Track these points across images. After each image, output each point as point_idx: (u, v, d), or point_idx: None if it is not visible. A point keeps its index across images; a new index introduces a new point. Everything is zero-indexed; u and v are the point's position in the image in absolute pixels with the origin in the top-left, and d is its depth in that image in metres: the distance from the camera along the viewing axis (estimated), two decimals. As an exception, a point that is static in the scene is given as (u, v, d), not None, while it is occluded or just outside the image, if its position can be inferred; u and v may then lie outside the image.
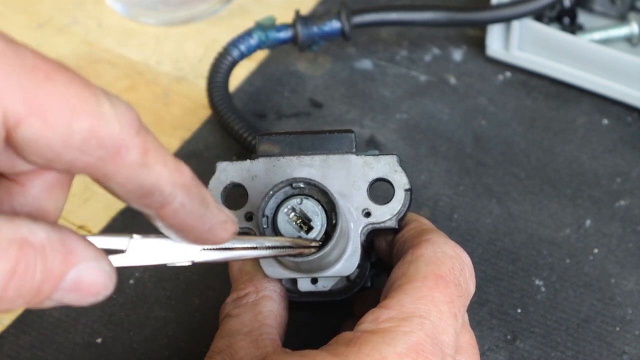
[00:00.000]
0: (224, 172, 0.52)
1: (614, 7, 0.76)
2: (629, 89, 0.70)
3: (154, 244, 0.41)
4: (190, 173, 0.38)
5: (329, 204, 0.47)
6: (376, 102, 0.73)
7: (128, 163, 0.35)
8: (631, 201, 0.66)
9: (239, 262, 0.53)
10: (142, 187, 0.36)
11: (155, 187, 0.36)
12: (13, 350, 0.59)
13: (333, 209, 0.46)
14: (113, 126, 0.34)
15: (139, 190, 0.36)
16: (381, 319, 0.44)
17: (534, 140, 0.70)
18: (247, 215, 0.51)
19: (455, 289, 0.46)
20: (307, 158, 0.51)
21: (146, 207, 0.37)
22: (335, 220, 0.46)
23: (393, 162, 0.51)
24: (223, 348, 0.47)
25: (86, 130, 0.33)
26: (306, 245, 0.46)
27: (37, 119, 0.32)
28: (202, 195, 0.38)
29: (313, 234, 0.47)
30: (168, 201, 0.37)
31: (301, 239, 0.47)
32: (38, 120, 0.32)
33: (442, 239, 0.49)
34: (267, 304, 0.50)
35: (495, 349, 0.58)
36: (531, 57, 0.73)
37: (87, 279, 0.35)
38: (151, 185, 0.36)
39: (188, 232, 0.39)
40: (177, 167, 0.37)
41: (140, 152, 0.35)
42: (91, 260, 0.35)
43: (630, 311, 0.60)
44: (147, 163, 0.35)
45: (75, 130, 0.33)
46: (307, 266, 0.49)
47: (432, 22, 0.72)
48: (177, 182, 0.37)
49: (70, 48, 0.78)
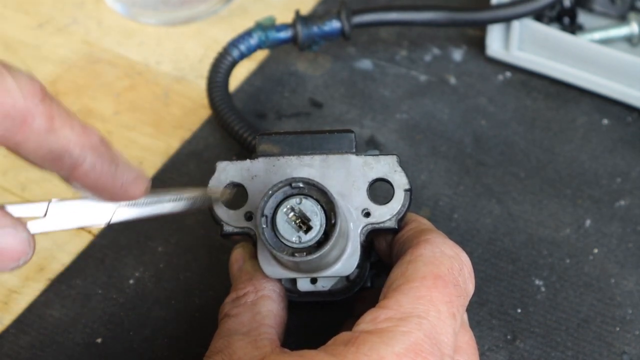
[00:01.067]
0: (224, 172, 0.52)
1: (614, 7, 0.76)
2: (629, 89, 0.70)
3: (72, 206, 0.43)
4: (99, 135, 0.41)
5: (328, 204, 0.47)
6: (376, 102, 0.73)
7: (36, 130, 0.38)
8: (631, 201, 0.66)
9: (239, 261, 0.53)
10: (51, 151, 0.39)
11: (65, 150, 0.39)
12: (13, 350, 0.59)
13: (332, 209, 0.46)
14: (17, 98, 0.37)
15: (49, 155, 0.39)
16: (379, 319, 0.44)
17: (534, 140, 0.70)
18: (246, 215, 0.51)
19: (454, 289, 0.46)
20: (307, 158, 0.51)
21: (59, 170, 0.40)
22: (334, 220, 0.46)
23: (393, 162, 0.51)
24: (221, 348, 0.47)
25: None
26: (217, 192, 0.48)
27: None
28: (111, 155, 0.41)
29: (312, 233, 0.47)
30: (78, 162, 0.40)
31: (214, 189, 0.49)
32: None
33: (440, 239, 0.49)
34: (266, 304, 0.50)
35: (495, 349, 0.58)
36: (531, 57, 0.73)
37: (5, 245, 0.38)
38: (60, 149, 0.39)
39: (102, 190, 0.42)
40: (84, 130, 0.40)
41: (46, 119, 0.38)
42: (8, 227, 0.38)
43: (630, 311, 0.60)
44: (54, 128, 0.38)
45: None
46: (306, 266, 0.49)
47: (432, 22, 0.72)
48: (86, 144, 0.40)
49: (70, 48, 0.78)
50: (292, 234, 0.47)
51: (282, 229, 0.47)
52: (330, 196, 0.46)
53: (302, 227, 0.47)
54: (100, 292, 0.62)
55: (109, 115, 0.73)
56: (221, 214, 0.51)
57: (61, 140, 0.39)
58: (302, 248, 0.47)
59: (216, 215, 0.51)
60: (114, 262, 0.63)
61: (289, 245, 0.47)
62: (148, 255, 0.64)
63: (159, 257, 0.64)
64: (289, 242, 0.47)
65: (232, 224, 0.51)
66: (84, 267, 0.63)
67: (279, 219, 0.47)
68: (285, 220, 0.47)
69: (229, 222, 0.51)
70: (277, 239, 0.47)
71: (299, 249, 0.47)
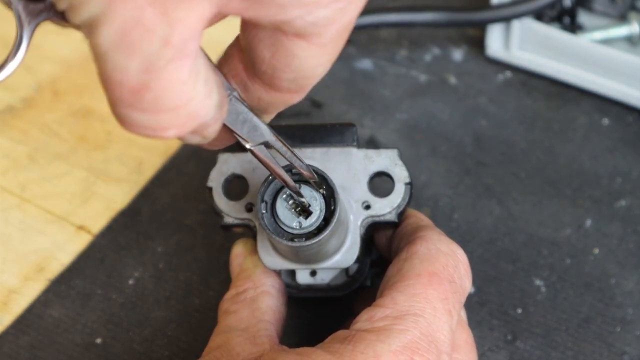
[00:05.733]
0: (226, 164, 0.52)
1: (614, 7, 0.76)
2: (629, 89, 0.70)
3: (241, 109, 0.42)
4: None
5: (327, 190, 0.47)
6: (376, 102, 0.73)
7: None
8: (631, 201, 0.66)
9: (239, 258, 0.53)
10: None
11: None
12: (13, 350, 0.59)
13: (331, 195, 0.46)
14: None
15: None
16: (376, 317, 0.44)
17: (534, 140, 0.70)
18: (247, 206, 0.51)
19: (450, 285, 0.46)
20: (308, 150, 0.51)
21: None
22: (334, 206, 0.46)
23: (394, 156, 0.51)
24: (220, 344, 0.47)
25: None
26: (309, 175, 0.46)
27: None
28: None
29: (312, 219, 0.46)
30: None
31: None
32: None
33: (436, 236, 0.49)
34: (265, 300, 0.50)
35: (495, 349, 0.58)
36: (531, 57, 0.73)
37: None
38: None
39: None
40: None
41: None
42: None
43: (630, 311, 0.60)
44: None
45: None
46: (305, 254, 0.49)
47: (432, 23, 0.72)
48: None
49: (70, 48, 0.78)
50: (293, 220, 0.47)
51: (282, 215, 0.47)
52: (330, 182, 0.46)
53: (301, 214, 0.47)
54: (99, 292, 0.62)
55: (109, 115, 0.73)
56: (222, 205, 0.51)
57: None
58: (302, 234, 0.47)
59: (216, 206, 0.51)
60: (113, 262, 0.63)
61: (289, 231, 0.47)
62: (148, 255, 0.64)
63: (159, 257, 0.64)
64: (289, 228, 0.47)
65: (232, 215, 0.51)
66: (84, 267, 0.63)
67: (279, 205, 0.47)
68: (284, 206, 0.47)
69: (229, 213, 0.51)
70: (277, 224, 0.47)
71: (298, 234, 0.46)
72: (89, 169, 0.69)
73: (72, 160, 0.70)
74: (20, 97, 0.74)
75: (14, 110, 0.74)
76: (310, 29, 0.36)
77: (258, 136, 0.43)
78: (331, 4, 0.35)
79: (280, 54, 0.38)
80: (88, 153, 0.70)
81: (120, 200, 0.67)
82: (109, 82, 0.33)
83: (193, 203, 0.66)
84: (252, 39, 0.38)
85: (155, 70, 0.32)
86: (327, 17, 0.35)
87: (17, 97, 0.74)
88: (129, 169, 0.69)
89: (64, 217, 0.66)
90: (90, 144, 0.71)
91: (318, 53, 0.38)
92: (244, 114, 0.42)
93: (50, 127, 0.72)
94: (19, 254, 0.65)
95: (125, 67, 0.32)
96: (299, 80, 0.39)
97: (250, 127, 0.42)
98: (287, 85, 0.40)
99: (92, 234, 0.65)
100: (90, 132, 0.72)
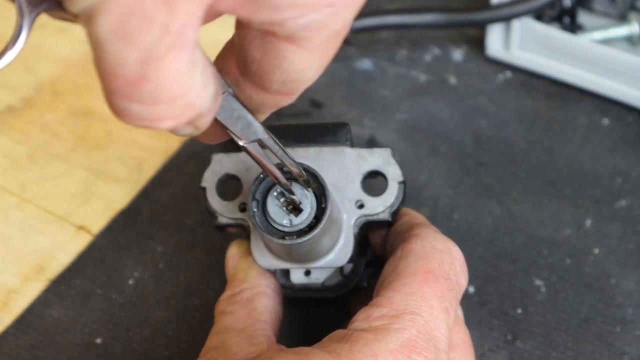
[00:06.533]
0: (219, 164, 0.52)
1: (614, 7, 0.76)
2: (629, 89, 0.70)
3: (235, 105, 0.42)
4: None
5: (319, 188, 0.47)
6: (376, 102, 0.73)
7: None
8: (632, 201, 0.66)
9: (234, 259, 0.53)
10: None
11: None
12: (13, 350, 0.59)
13: (323, 193, 0.46)
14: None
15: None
16: (373, 317, 0.44)
17: (534, 140, 0.70)
18: (241, 206, 0.51)
19: (445, 283, 0.46)
20: (301, 150, 0.51)
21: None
22: (325, 204, 0.46)
23: (387, 155, 0.51)
24: (217, 344, 0.47)
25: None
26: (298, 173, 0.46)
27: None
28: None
29: (303, 216, 0.47)
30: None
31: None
32: None
33: (431, 234, 0.49)
34: (261, 300, 0.50)
35: (495, 349, 0.58)
36: (531, 57, 0.73)
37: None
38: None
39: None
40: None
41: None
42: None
43: (630, 311, 0.60)
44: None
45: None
46: (298, 253, 0.49)
47: (432, 24, 0.72)
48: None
49: (70, 48, 0.78)
50: (283, 217, 0.47)
51: (273, 212, 0.47)
52: (321, 179, 0.46)
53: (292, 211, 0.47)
54: (99, 292, 0.62)
55: (109, 115, 0.73)
56: (215, 205, 0.51)
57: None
58: (293, 232, 0.47)
59: (210, 206, 0.51)
60: (113, 262, 0.63)
61: (280, 229, 0.47)
62: (148, 255, 0.64)
63: (159, 257, 0.64)
64: (280, 226, 0.47)
65: (226, 215, 0.51)
66: (84, 267, 0.63)
67: (270, 202, 0.47)
68: (275, 204, 0.47)
69: (223, 213, 0.51)
70: (268, 222, 0.47)
71: (289, 232, 0.46)
72: (89, 169, 0.69)
73: (72, 160, 0.70)
74: (20, 97, 0.74)
75: (14, 110, 0.74)
76: (301, 32, 0.36)
77: (251, 134, 0.43)
78: (324, 8, 0.35)
79: (270, 55, 0.38)
80: (88, 153, 0.70)
81: (120, 200, 0.67)
82: (106, 72, 0.33)
83: (193, 203, 0.66)
84: (244, 38, 0.39)
85: (154, 60, 0.32)
86: (319, 21, 0.35)
87: (17, 97, 0.74)
88: (129, 169, 0.69)
89: (64, 217, 0.66)
90: (90, 144, 0.71)
91: (308, 57, 0.38)
92: (238, 110, 0.42)
93: (50, 127, 0.72)
94: (19, 254, 0.65)
95: (123, 57, 0.32)
96: (289, 83, 0.39)
97: (244, 124, 0.42)
98: (276, 87, 0.40)
99: (92, 234, 0.65)
100: (90, 132, 0.72)
